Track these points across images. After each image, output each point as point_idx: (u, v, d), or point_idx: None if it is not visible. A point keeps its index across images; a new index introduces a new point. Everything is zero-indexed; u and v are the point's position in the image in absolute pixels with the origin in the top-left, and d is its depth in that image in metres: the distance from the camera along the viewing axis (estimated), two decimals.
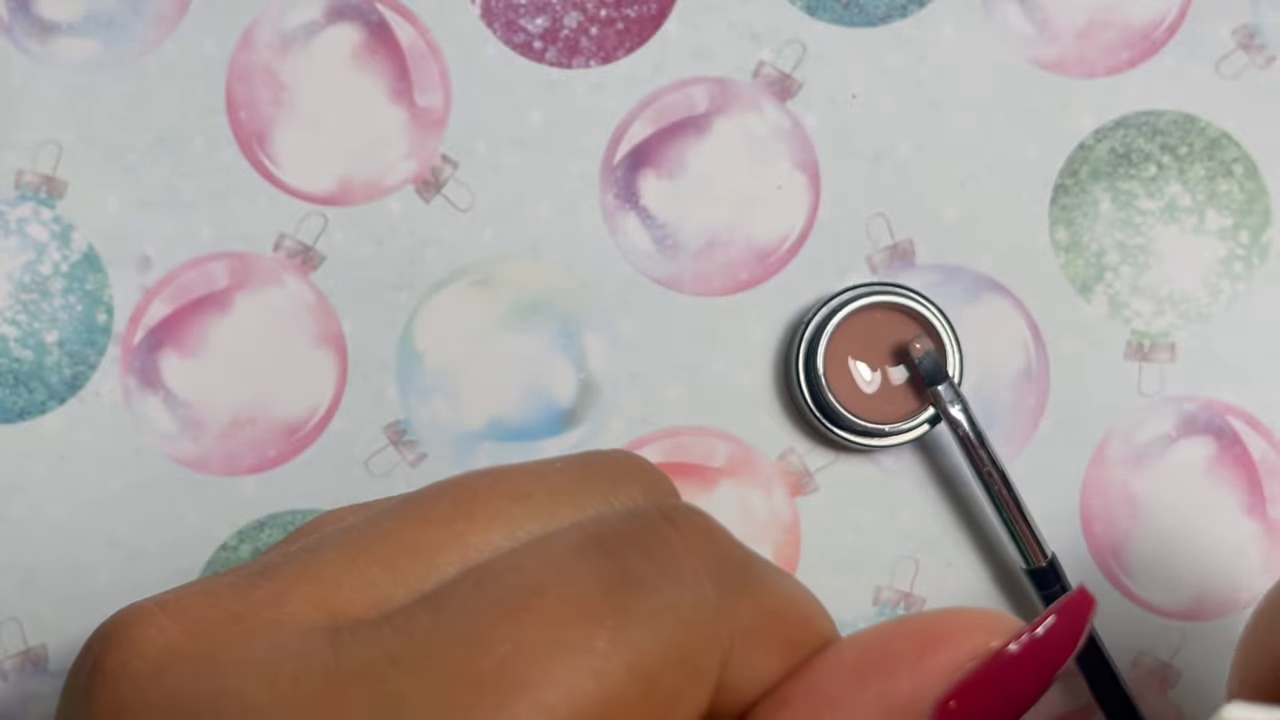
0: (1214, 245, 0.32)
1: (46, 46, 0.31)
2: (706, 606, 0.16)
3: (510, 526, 0.17)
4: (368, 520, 0.17)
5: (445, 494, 0.17)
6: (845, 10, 0.32)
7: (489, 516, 0.17)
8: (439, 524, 0.17)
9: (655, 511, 0.17)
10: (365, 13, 0.32)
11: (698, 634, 0.16)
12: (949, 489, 0.32)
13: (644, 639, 0.15)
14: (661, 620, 0.15)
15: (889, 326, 0.31)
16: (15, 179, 0.31)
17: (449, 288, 0.32)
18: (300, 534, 0.18)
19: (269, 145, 0.31)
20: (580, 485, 0.18)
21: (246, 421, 0.31)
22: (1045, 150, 0.32)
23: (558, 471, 0.18)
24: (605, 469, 0.18)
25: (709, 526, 0.17)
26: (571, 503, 0.18)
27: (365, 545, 0.17)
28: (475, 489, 0.17)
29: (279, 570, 0.17)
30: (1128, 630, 0.32)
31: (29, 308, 0.31)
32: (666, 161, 0.32)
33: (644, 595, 0.15)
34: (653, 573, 0.16)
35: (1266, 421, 0.32)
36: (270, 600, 0.16)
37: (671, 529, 0.17)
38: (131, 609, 0.16)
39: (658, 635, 0.15)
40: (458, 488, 0.18)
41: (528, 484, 0.18)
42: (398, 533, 0.17)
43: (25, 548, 0.31)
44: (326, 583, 0.16)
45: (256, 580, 0.16)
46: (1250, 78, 0.32)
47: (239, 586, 0.16)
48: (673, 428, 0.32)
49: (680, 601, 0.16)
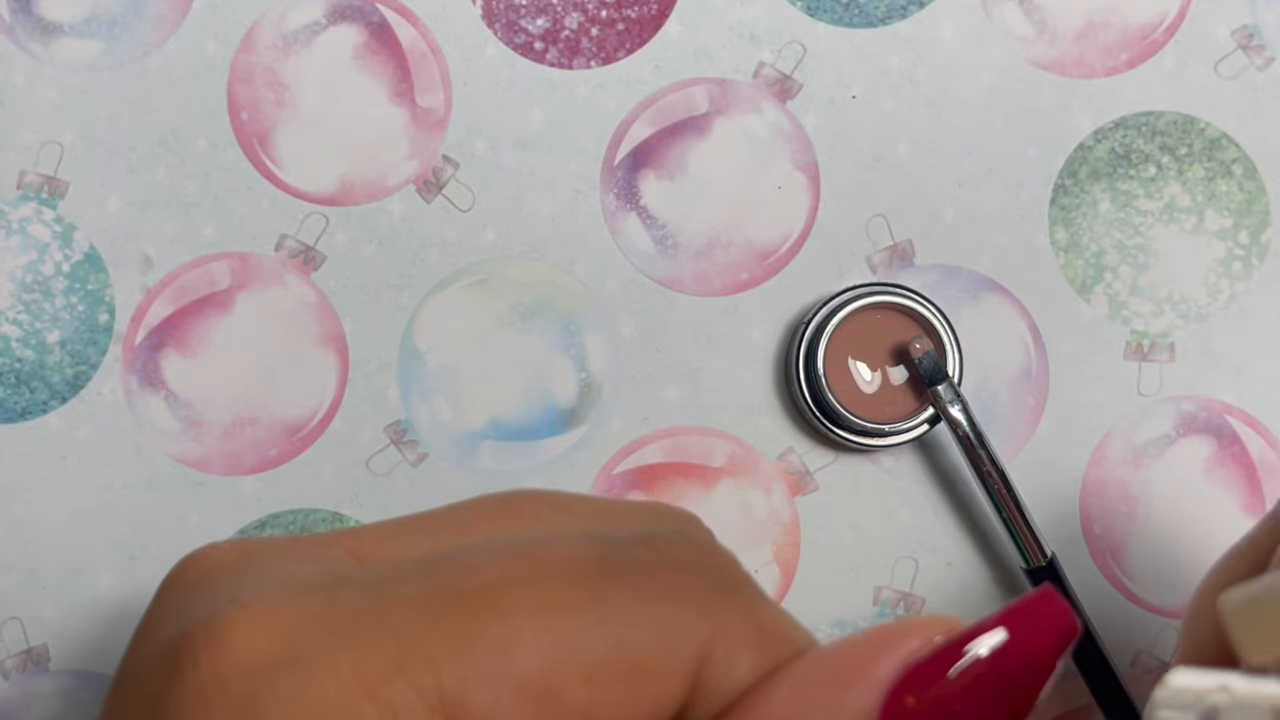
0: (1213, 245, 0.32)
1: (49, 47, 0.31)
2: (694, 600, 0.17)
3: (546, 528, 0.18)
4: (433, 509, 0.20)
5: (496, 496, 0.19)
6: (845, 11, 0.32)
7: (529, 517, 0.19)
8: (484, 516, 0.19)
9: (672, 528, 0.18)
10: (366, 14, 0.32)
11: (679, 617, 0.16)
12: (949, 489, 0.32)
13: (624, 602, 0.16)
14: (645, 593, 0.16)
15: (889, 326, 0.31)
16: (17, 179, 0.31)
17: (450, 288, 0.32)
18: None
19: (270, 146, 0.31)
20: (622, 510, 0.19)
21: (248, 421, 0.31)
22: (1045, 151, 0.32)
23: (603, 499, 0.19)
24: (650, 507, 0.20)
25: (716, 546, 0.18)
26: (609, 523, 0.19)
27: (420, 524, 0.19)
28: (523, 495, 0.19)
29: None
30: (1127, 630, 0.32)
31: (31, 307, 0.31)
32: (667, 162, 0.32)
33: (636, 570, 0.17)
34: (651, 559, 0.17)
35: (1265, 421, 0.32)
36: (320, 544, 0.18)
37: (680, 538, 0.18)
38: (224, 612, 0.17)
39: (638, 605, 0.16)
40: (508, 493, 0.19)
41: (572, 501, 0.19)
42: (449, 515, 0.19)
43: (27, 547, 0.31)
44: (365, 538, 0.18)
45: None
46: (1249, 78, 0.32)
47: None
48: (673, 428, 0.32)
49: (669, 586, 0.17)
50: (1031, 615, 0.17)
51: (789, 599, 0.32)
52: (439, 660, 0.15)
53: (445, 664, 0.15)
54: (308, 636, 0.16)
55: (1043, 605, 0.17)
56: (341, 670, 0.15)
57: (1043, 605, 0.17)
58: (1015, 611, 0.17)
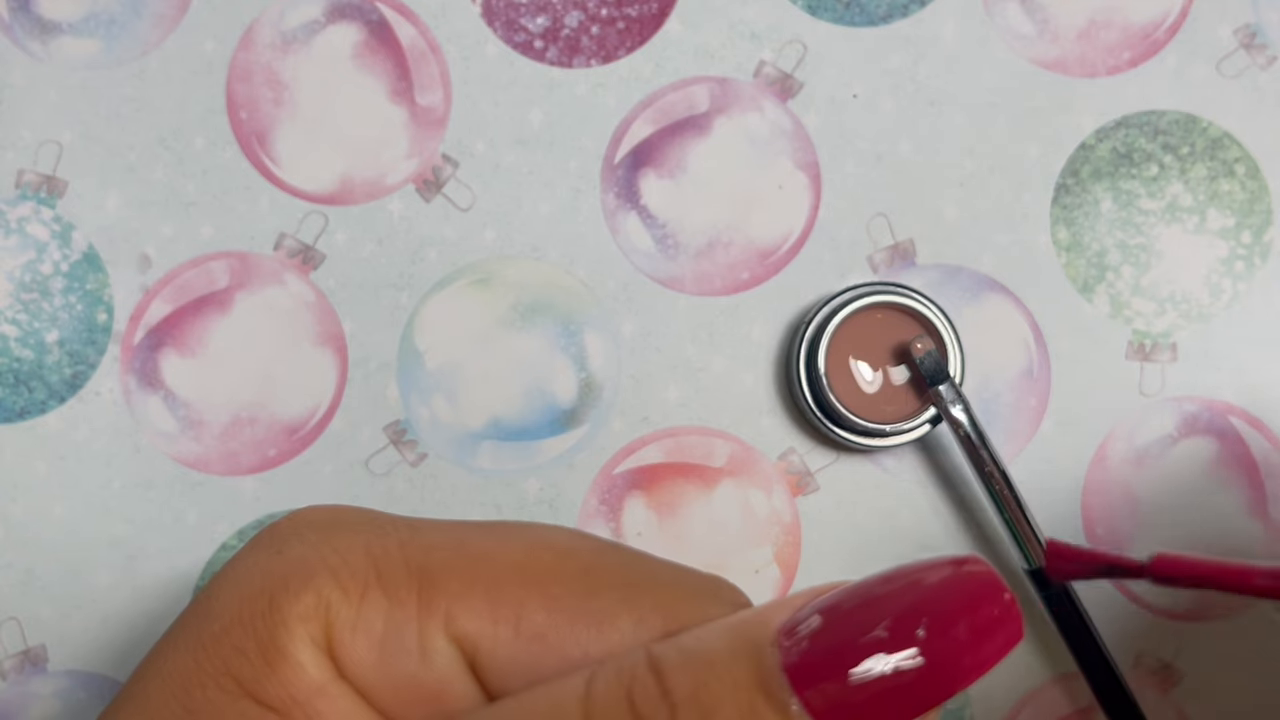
0: (1215, 245, 0.32)
1: (47, 46, 0.31)
2: None
3: None
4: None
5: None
6: (846, 10, 0.32)
7: None
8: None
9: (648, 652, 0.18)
10: (366, 12, 0.32)
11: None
12: (950, 489, 0.32)
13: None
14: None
15: (890, 326, 0.31)
16: (16, 178, 0.31)
17: (449, 287, 0.32)
18: None
19: (269, 145, 0.31)
20: (674, 573, 0.20)
21: (247, 421, 0.31)
22: (1046, 150, 0.32)
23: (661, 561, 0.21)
24: (709, 578, 0.21)
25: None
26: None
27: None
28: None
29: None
30: (1128, 630, 0.32)
31: (29, 307, 0.31)
32: (667, 161, 0.32)
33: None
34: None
35: (1268, 421, 0.32)
36: None
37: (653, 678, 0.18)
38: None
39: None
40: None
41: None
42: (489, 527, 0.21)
43: (25, 547, 0.31)
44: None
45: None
46: (1251, 77, 0.32)
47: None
48: (673, 428, 0.32)
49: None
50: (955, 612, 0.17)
51: None
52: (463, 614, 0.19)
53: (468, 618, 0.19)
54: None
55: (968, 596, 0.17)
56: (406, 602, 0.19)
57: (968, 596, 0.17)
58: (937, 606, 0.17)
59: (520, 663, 0.19)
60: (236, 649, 0.18)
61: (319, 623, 0.18)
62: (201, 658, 0.19)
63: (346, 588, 0.19)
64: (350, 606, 0.18)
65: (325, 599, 0.18)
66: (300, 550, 0.19)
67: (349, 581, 0.19)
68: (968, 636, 0.16)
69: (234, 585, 0.19)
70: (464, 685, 0.19)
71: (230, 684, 0.18)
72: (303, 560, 0.19)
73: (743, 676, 0.17)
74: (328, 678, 0.18)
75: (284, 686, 0.18)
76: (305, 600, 0.18)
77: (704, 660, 0.17)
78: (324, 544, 0.19)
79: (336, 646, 0.18)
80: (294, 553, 0.19)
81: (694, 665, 0.17)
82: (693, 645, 0.17)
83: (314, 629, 0.18)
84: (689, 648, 0.17)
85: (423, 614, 0.19)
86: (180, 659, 0.19)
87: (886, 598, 0.17)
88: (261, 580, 0.19)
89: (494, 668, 0.19)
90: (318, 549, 0.19)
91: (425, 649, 0.18)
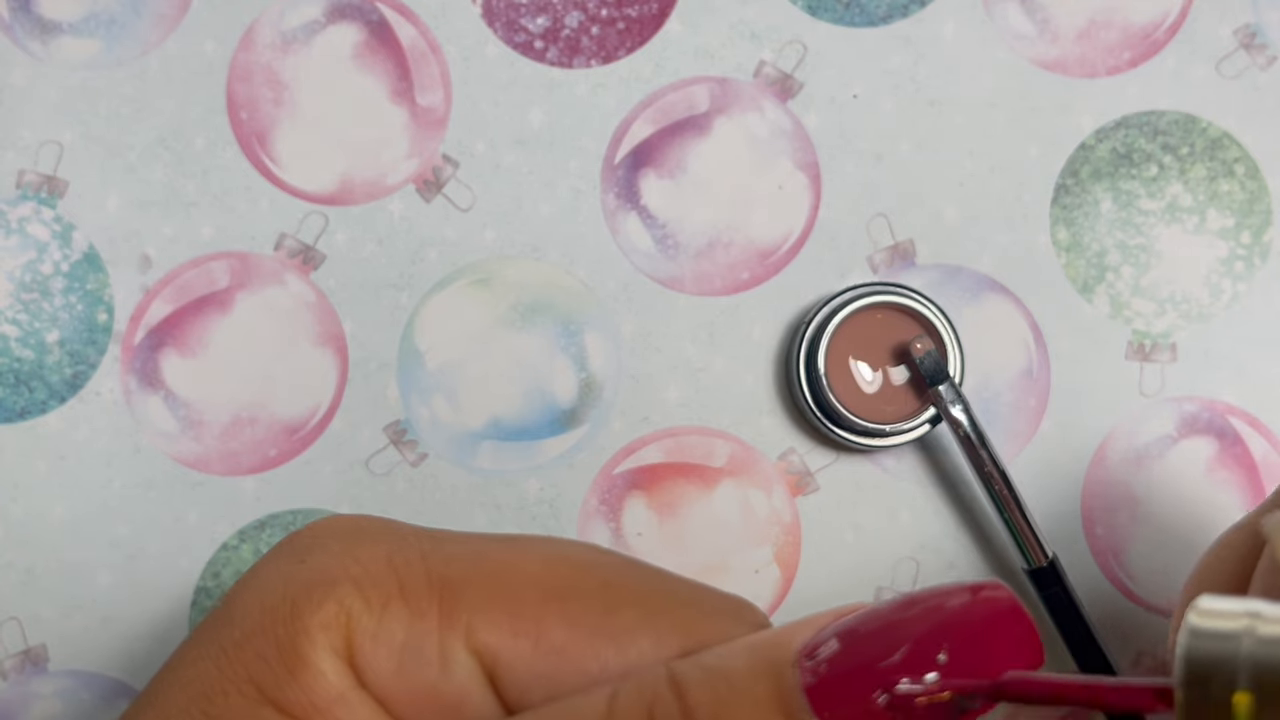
0: (1215, 245, 0.32)
1: (48, 46, 0.31)
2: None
3: None
4: None
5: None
6: (846, 10, 0.32)
7: None
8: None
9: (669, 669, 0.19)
10: (366, 12, 0.32)
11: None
12: (950, 489, 0.32)
13: None
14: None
15: (890, 326, 0.31)
16: (16, 178, 0.31)
17: (449, 287, 0.32)
18: None
19: (270, 145, 0.31)
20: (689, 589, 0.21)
21: (247, 421, 0.31)
22: (1046, 150, 0.32)
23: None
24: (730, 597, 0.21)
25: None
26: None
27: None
28: None
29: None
30: (1128, 630, 0.32)
31: (30, 307, 0.31)
32: (667, 161, 0.32)
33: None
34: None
35: (1268, 422, 0.32)
36: None
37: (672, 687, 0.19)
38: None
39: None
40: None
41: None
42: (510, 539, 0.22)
43: (25, 547, 0.31)
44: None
45: None
46: (1251, 78, 0.32)
47: None
48: (673, 428, 0.32)
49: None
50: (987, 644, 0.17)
51: (789, 600, 0.31)
52: (483, 627, 0.19)
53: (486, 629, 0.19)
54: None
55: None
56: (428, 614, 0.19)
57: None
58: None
59: (539, 676, 0.19)
60: (258, 656, 0.18)
61: (340, 631, 0.19)
62: (223, 664, 0.19)
63: (368, 597, 0.19)
64: (372, 616, 0.19)
65: (347, 608, 0.19)
66: (323, 559, 0.19)
67: (371, 591, 0.19)
68: (988, 662, 0.17)
69: (256, 593, 0.19)
70: (483, 697, 0.19)
71: (251, 691, 0.18)
72: (325, 569, 0.19)
73: (763, 696, 0.17)
74: (348, 686, 0.19)
75: (305, 694, 0.18)
76: (327, 609, 0.19)
77: (725, 679, 0.17)
78: (346, 554, 0.19)
79: (357, 655, 0.19)
80: (317, 562, 0.19)
81: (715, 684, 0.17)
82: (714, 664, 0.18)
83: (335, 638, 0.19)
84: (710, 666, 0.17)
85: (444, 625, 0.19)
86: (201, 665, 0.19)
87: (908, 622, 0.17)
88: (284, 588, 0.19)
89: (513, 681, 0.19)
90: (340, 558, 0.19)
91: (445, 660, 0.19)
